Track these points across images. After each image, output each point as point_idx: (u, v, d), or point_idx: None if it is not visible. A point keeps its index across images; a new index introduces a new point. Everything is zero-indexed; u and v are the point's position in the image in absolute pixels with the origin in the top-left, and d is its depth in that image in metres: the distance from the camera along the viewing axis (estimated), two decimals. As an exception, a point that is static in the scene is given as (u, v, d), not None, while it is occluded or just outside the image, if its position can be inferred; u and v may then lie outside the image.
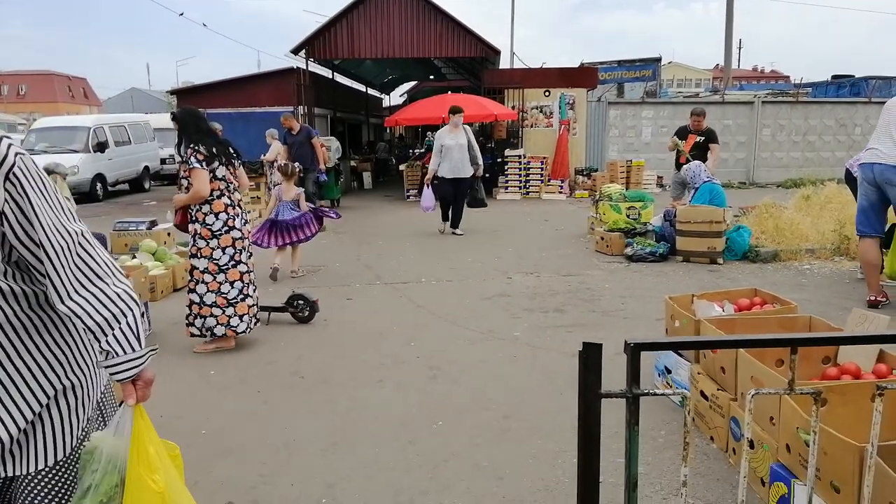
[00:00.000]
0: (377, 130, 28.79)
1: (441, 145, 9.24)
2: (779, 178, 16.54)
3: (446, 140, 9.20)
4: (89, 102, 51.50)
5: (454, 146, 9.15)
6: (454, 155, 9.16)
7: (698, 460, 2.91)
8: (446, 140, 9.20)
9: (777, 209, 8.09)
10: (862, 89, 19.27)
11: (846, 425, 2.17)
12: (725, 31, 24.32)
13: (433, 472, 2.88)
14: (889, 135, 4.86)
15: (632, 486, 1.33)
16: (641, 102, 17.21)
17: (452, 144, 9.15)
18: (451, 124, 9.38)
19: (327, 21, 15.38)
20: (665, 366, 3.62)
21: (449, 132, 9.31)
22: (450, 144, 9.16)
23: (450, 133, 9.29)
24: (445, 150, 9.19)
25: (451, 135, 9.26)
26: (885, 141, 4.90)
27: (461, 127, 9.34)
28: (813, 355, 2.87)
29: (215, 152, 4.38)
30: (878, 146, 4.94)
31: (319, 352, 4.51)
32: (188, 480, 2.83)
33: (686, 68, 55.87)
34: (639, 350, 1.27)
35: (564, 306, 5.50)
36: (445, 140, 9.20)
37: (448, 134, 9.29)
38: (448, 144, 9.17)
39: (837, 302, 5.33)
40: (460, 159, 9.18)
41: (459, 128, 9.30)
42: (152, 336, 4.95)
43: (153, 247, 6.62)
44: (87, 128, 16.04)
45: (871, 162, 4.96)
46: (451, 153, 9.17)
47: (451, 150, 9.17)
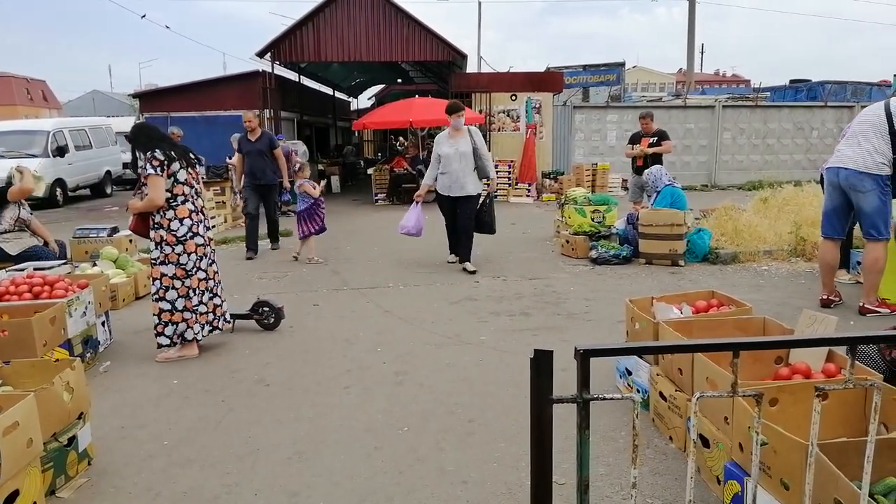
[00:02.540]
0: (345, 134, 28.68)
1: (437, 154, 7.26)
2: (739, 181, 16.93)
3: (444, 147, 7.19)
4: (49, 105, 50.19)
5: (453, 155, 7.08)
6: (453, 167, 7.09)
7: (657, 460, 2.98)
8: (444, 147, 7.19)
9: (736, 212, 8.30)
10: (818, 93, 19.81)
11: (798, 424, 2.25)
12: (688, 36, 24.84)
13: (398, 477, 2.90)
14: (857, 141, 4.99)
15: (583, 489, 1.37)
16: (606, 107, 17.46)
17: (451, 153, 7.10)
18: (451, 127, 7.28)
19: (294, 24, 15.30)
20: (626, 368, 3.69)
21: (448, 137, 7.27)
22: (447, 153, 7.12)
23: (448, 138, 7.25)
24: (443, 161, 7.18)
25: (449, 140, 7.20)
26: (852, 146, 5.01)
27: (464, 130, 7.21)
28: (765, 356, 2.96)
29: (173, 155, 4.34)
30: (846, 150, 5.06)
31: (285, 359, 4.49)
32: (150, 491, 2.81)
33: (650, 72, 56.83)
34: (588, 356, 1.31)
35: (530, 310, 5.57)
36: (443, 147, 7.20)
37: (446, 139, 7.25)
38: (445, 153, 7.14)
39: (793, 302, 5.49)
40: (461, 172, 7.08)
41: (462, 131, 7.18)
42: (113, 345, 4.87)
43: (114, 254, 6.50)
44: (47, 132, 15.68)
45: (836, 166, 5.10)
46: (450, 164, 7.10)
47: (448, 161, 7.11)
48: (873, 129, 4.91)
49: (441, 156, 7.21)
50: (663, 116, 15.83)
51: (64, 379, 2.91)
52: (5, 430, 2.36)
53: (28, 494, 2.50)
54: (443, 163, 7.18)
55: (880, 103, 5.06)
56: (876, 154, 4.85)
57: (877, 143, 4.86)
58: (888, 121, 4.85)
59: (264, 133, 8.54)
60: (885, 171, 4.87)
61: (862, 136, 4.97)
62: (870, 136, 4.91)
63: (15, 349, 3.64)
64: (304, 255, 7.91)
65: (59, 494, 2.79)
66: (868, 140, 4.91)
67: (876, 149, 4.86)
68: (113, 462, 3.09)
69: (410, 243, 9.12)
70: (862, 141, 4.95)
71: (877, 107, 5.03)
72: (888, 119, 4.85)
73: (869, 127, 4.95)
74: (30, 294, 4.37)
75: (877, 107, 5.03)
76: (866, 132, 4.95)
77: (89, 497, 2.80)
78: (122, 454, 3.16)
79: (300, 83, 19.58)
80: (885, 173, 4.88)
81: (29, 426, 2.52)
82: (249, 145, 8.31)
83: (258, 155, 8.29)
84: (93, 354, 4.48)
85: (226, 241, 9.48)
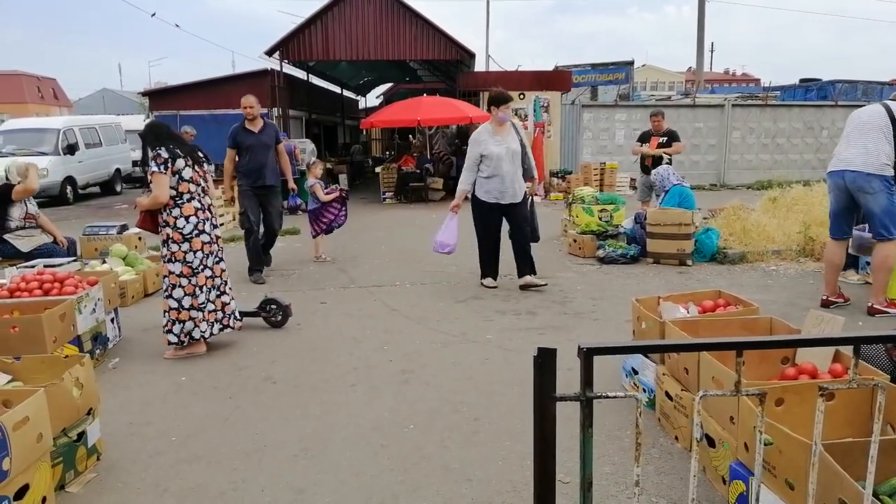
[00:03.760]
0: (353, 132, 28.73)
1: (480, 154, 5.99)
2: (748, 181, 16.85)
3: (490, 146, 5.95)
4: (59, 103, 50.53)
5: (504, 155, 5.93)
6: (504, 168, 5.93)
7: (663, 459, 2.98)
8: (490, 146, 5.95)
9: (745, 211, 8.26)
10: (829, 93, 19.69)
11: (804, 424, 2.24)
12: (697, 34, 24.73)
13: (404, 475, 2.91)
14: (860, 143, 4.97)
15: (587, 487, 1.37)
16: (615, 105, 17.41)
17: (500, 152, 5.92)
18: (495, 121, 6.05)
19: (302, 22, 15.35)
20: (632, 367, 3.69)
21: (492, 133, 6.03)
22: (496, 153, 5.92)
23: (494, 134, 6.02)
24: (489, 162, 5.96)
25: (495, 137, 6.00)
26: (856, 148, 4.99)
27: (509, 125, 6.13)
28: (772, 356, 2.96)
29: (178, 153, 4.38)
30: (848, 153, 5.04)
31: (292, 356, 4.52)
32: (157, 487, 2.84)
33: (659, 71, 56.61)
34: (591, 355, 1.31)
35: (536, 308, 5.57)
36: (489, 146, 5.95)
37: (491, 136, 6.01)
38: (493, 152, 5.92)
39: (802, 302, 5.46)
40: (514, 174, 6.00)
41: (507, 126, 6.08)
42: (122, 342, 4.91)
43: (123, 251, 6.55)
44: (57, 129, 15.80)
45: (841, 169, 5.08)
46: (500, 166, 5.92)
47: (499, 162, 5.92)
48: (876, 130, 4.91)
49: (486, 156, 5.96)
50: (672, 115, 15.75)
51: (73, 375, 2.94)
52: (16, 425, 2.39)
53: (38, 489, 2.53)
54: (491, 165, 5.94)
55: (877, 105, 5.06)
56: (881, 155, 4.85)
57: (881, 145, 4.86)
58: (892, 122, 4.85)
59: (267, 123, 6.92)
60: (890, 172, 4.87)
61: (865, 138, 4.96)
62: (874, 137, 4.91)
63: (25, 345, 3.68)
64: (312, 254, 7.95)
65: (68, 489, 2.82)
66: (872, 141, 4.90)
67: (881, 150, 4.85)
68: (121, 457, 3.12)
69: (417, 242, 9.12)
70: (867, 142, 4.94)
71: (875, 109, 5.02)
72: (892, 120, 4.85)
73: (871, 129, 4.94)
74: (40, 291, 4.41)
75: (875, 109, 5.02)
76: (868, 133, 4.95)
77: (98, 492, 2.83)
78: (131, 450, 3.19)
79: (309, 82, 19.64)
80: (890, 174, 4.87)
81: (39, 421, 2.54)
82: (250, 137, 6.68)
83: (261, 150, 6.71)
84: (102, 351, 4.52)
85: (234, 238, 9.52)
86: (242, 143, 6.69)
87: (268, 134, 6.81)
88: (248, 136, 6.71)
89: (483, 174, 6.04)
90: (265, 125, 6.84)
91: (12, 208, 6.20)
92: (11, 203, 6.19)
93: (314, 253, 7.93)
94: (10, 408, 2.50)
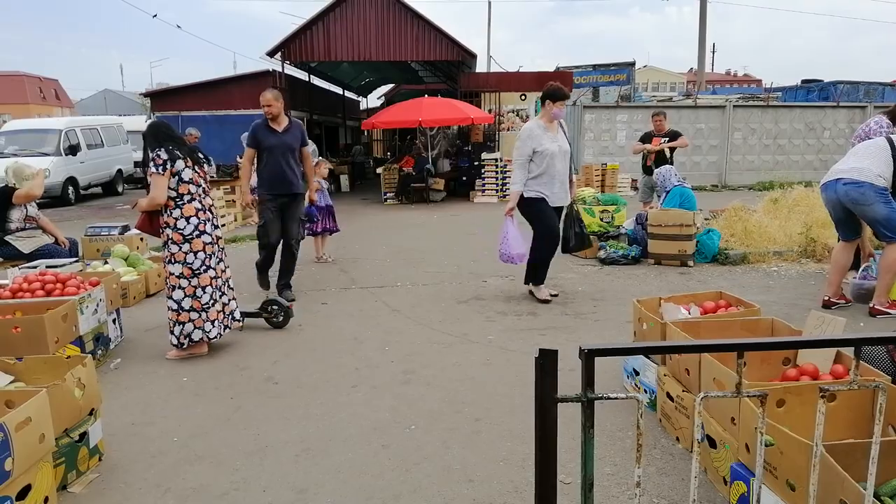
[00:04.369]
0: (354, 133, 28.75)
1: (533, 150, 5.54)
2: (750, 182, 16.85)
3: (544, 142, 5.54)
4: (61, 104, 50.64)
5: (558, 153, 5.58)
6: (557, 167, 5.58)
7: (664, 460, 2.98)
8: (544, 142, 5.54)
9: (746, 212, 8.26)
10: (830, 94, 19.67)
11: (805, 426, 2.24)
12: (699, 35, 24.70)
13: (405, 475, 2.91)
14: (855, 157, 5.05)
15: (588, 488, 1.38)
16: (616, 106, 17.42)
17: (554, 150, 5.55)
18: (546, 117, 5.65)
19: (304, 23, 15.37)
20: (633, 368, 3.69)
21: (545, 129, 5.62)
22: (550, 150, 5.53)
23: (546, 131, 5.62)
24: (541, 160, 5.55)
25: (549, 134, 5.61)
26: (849, 161, 5.07)
27: (557, 124, 5.74)
28: (773, 357, 2.96)
29: (177, 154, 4.38)
30: (840, 166, 5.11)
31: (293, 357, 4.52)
32: (159, 487, 2.84)
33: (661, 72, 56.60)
34: (593, 356, 1.32)
35: (538, 309, 5.57)
36: (543, 141, 5.53)
37: (544, 133, 5.59)
38: (548, 150, 5.52)
39: (803, 303, 5.46)
40: (563, 176, 5.69)
41: (555, 124, 5.70)
42: (124, 343, 4.92)
43: (125, 252, 6.56)
44: (59, 130, 15.83)
45: (833, 179, 5.10)
46: (553, 164, 5.56)
47: (552, 160, 5.55)
48: (874, 151, 4.99)
49: (539, 153, 5.52)
50: (674, 116, 15.77)
51: (75, 375, 2.95)
52: (18, 426, 2.40)
53: (40, 489, 2.54)
54: (543, 163, 5.54)
55: (881, 139, 5.11)
56: (875, 170, 4.90)
57: (877, 165, 4.91)
58: (892, 148, 4.90)
59: (293, 122, 5.93)
60: (883, 184, 4.89)
61: (859, 155, 5.04)
62: (870, 156, 4.97)
63: (27, 346, 3.69)
64: (314, 254, 7.94)
65: (70, 489, 2.83)
66: (868, 159, 4.96)
67: (875, 168, 4.90)
68: (123, 458, 3.12)
69: (418, 243, 9.12)
70: (861, 158, 5.01)
71: (879, 141, 5.09)
72: (891, 147, 4.91)
73: (869, 150, 5.03)
74: (42, 291, 4.42)
75: (879, 141, 5.09)
76: (864, 153, 5.02)
77: (100, 492, 2.83)
78: (133, 450, 3.20)
79: (310, 83, 19.67)
80: (883, 185, 4.89)
81: (41, 422, 2.55)
82: (273, 138, 5.73)
83: (284, 152, 5.77)
84: (104, 351, 4.53)
85: (236, 239, 9.54)
86: (263, 144, 5.74)
87: (293, 134, 5.84)
88: (269, 135, 5.74)
89: (532, 173, 5.58)
90: (290, 124, 5.86)
91: (12, 210, 6.22)
92: (12, 206, 6.20)
93: (315, 254, 7.93)
94: (13, 408, 2.51)
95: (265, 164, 5.78)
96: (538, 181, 5.59)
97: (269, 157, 5.76)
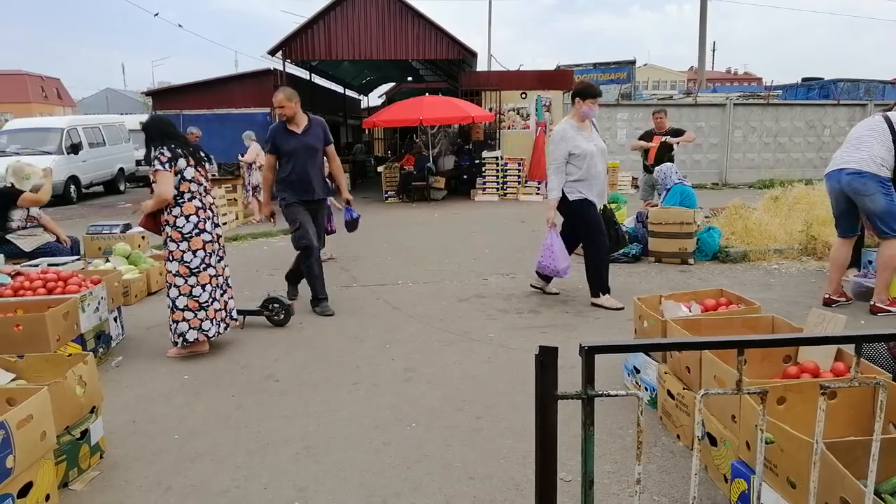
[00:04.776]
0: (355, 132, 28.74)
1: (569, 152, 5.29)
2: (750, 179, 16.84)
3: (581, 142, 5.30)
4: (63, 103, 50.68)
5: (597, 153, 5.36)
6: (598, 168, 5.38)
7: (665, 458, 2.98)
8: (581, 142, 5.30)
9: (746, 210, 8.25)
10: (831, 92, 19.65)
11: (806, 423, 2.24)
12: (699, 33, 24.68)
13: (406, 473, 2.92)
14: (856, 147, 5.01)
15: (588, 485, 1.38)
16: (616, 105, 17.40)
17: (593, 150, 5.33)
18: (578, 116, 5.41)
19: (305, 22, 15.35)
20: (634, 366, 3.69)
21: (579, 129, 5.38)
22: (588, 150, 5.30)
23: (580, 130, 5.38)
24: (580, 162, 5.30)
25: (583, 134, 5.38)
26: (851, 152, 5.03)
27: (590, 122, 5.53)
28: (774, 355, 2.96)
29: (180, 152, 4.38)
30: (843, 156, 5.08)
31: (294, 355, 4.52)
32: (160, 485, 2.85)
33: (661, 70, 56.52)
34: (593, 353, 1.32)
35: (539, 307, 5.57)
36: (579, 142, 5.29)
37: (578, 132, 5.35)
38: (586, 150, 5.29)
39: (804, 301, 5.45)
40: (604, 177, 5.52)
41: (588, 123, 5.49)
42: (125, 341, 4.92)
43: (127, 250, 6.57)
44: (61, 129, 15.84)
45: (836, 169, 5.08)
46: (594, 165, 5.33)
47: (592, 161, 5.32)
48: (873, 137, 4.95)
49: (576, 154, 5.28)
50: (674, 114, 15.75)
51: (77, 373, 2.96)
52: (19, 423, 2.40)
53: (41, 486, 2.54)
54: (583, 165, 5.29)
55: (878, 116, 5.08)
56: (877, 158, 4.88)
57: (878, 150, 4.89)
58: (890, 129, 4.87)
59: (314, 120, 5.44)
60: (886, 174, 4.88)
61: (861, 143, 5.00)
62: (870, 144, 4.94)
63: (29, 344, 3.70)
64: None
65: (71, 487, 2.83)
66: (869, 147, 4.94)
67: (877, 154, 4.88)
68: (124, 455, 3.13)
69: (419, 241, 9.12)
70: (862, 147, 4.97)
71: (875, 119, 5.06)
72: (890, 128, 4.87)
73: (868, 136, 4.99)
74: (44, 289, 4.43)
75: (875, 119, 5.06)
76: (866, 140, 4.98)
77: (101, 490, 2.84)
78: (134, 448, 3.20)
79: (311, 81, 19.65)
80: (886, 175, 4.88)
81: (42, 419, 2.56)
82: (291, 140, 5.30)
83: (307, 155, 5.35)
84: (105, 349, 4.53)
85: (237, 237, 9.54)
86: (282, 148, 5.32)
87: (314, 134, 5.38)
88: (288, 138, 5.31)
89: (572, 176, 5.31)
90: (310, 123, 5.39)
91: (14, 210, 6.22)
92: (14, 206, 6.21)
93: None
94: (14, 406, 2.51)
95: (290, 169, 5.34)
96: (580, 183, 5.34)
97: (291, 162, 5.33)
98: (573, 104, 5.47)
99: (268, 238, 9.64)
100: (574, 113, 5.44)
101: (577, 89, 5.47)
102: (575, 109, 5.43)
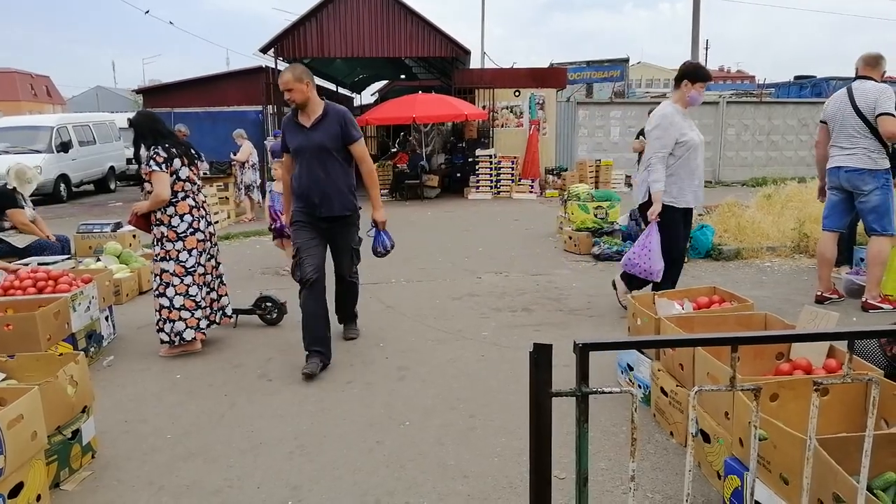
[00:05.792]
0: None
1: (675, 141, 4.56)
2: (743, 177, 16.89)
3: (687, 131, 4.61)
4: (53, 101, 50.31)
5: (700, 145, 4.67)
6: (699, 162, 4.69)
7: (658, 455, 2.99)
8: (687, 131, 4.61)
9: (739, 208, 8.28)
10: (823, 90, 19.78)
11: (799, 420, 2.25)
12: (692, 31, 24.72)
13: (400, 472, 2.91)
14: (846, 145, 5.02)
15: (582, 482, 1.38)
16: (610, 103, 17.43)
17: (698, 142, 4.64)
18: (680, 100, 4.67)
19: (297, 20, 15.28)
20: (628, 363, 3.70)
21: (684, 115, 4.67)
22: (695, 141, 4.61)
23: (685, 117, 4.67)
24: (684, 152, 4.60)
25: (688, 121, 4.68)
26: (843, 150, 5.04)
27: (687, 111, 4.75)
28: (767, 351, 2.97)
29: (175, 152, 4.35)
30: (840, 153, 5.09)
31: (287, 354, 4.51)
32: (152, 485, 2.83)
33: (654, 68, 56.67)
34: (587, 350, 1.31)
35: (532, 305, 5.57)
36: (685, 130, 4.60)
37: (683, 119, 4.63)
38: (692, 141, 4.60)
39: (796, 298, 5.48)
40: (702, 172, 4.80)
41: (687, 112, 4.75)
42: (117, 340, 4.89)
43: (118, 249, 6.53)
44: (50, 127, 15.71)
45: (836, 166, 5.10)
46: (696, 157, 4.65)
47: (695, 153, 4.63)
48: (852, 131, 4.97)
49: (684, 143, 4.57)
50: (667, 112, 15.78)
51: (68, 373, 2.93)
52: (10, 423, 2.38)
53: (32, 487, 2.52)
54: (688, 156, 4.60)
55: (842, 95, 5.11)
56: (869, 152, 4.90)
57: (864, 143, 4.92)
58: (861, 118, 4.89)
59: (329, 110, 4.15)
60: (884, 165, 4.92)
61: (847, 141, 5.02)
62: (853, 138, 4.97)
63: (19, 343, 3.67)
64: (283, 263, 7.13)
65: (63, 487, 2.81)
66: (854, 143, 4.96)
67: (867, 148, 4.91)
68: (116, 455, 3.11)
69: (412, 239, 9.10)
70: (849, 146, 5.00)
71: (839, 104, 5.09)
72: (860, 117, 4.90)
73: (848, 131, 5.00)
74: (34, 289, 4.39)
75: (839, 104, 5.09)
76: (847, 136, 5.01)
77: (93, 490, 2.82)
78: (126, 447, 3.18)
79: (303, 79, 19.55)
80: (885, 166, 4.92)
81: (33, 419, 2.54)
82: (299, 136, 4.16)
83: (316, 156, 4.14)
84: (96, 349, 4.50)
85: (229, 236, 9.50)
86: (289, 146, 4.26)
87: (326, 129, 4.10)
88: (295, 133, 4.18)
89: (675, 171, 4.61)
90: (325, 114, 4.12)
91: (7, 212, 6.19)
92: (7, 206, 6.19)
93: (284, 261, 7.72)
94: (5, 406, 2.49)
95: (295, 175, 4.25)
96: (673, 179, 4.61)
97: (297, 166, 4.21)
98: (677, 87, 4.72)
99: (260, 237, 9.60)
100: (679, 97, 4.68)
101: (684, 70, 4.69)
102: (680, 93, 4.66)
